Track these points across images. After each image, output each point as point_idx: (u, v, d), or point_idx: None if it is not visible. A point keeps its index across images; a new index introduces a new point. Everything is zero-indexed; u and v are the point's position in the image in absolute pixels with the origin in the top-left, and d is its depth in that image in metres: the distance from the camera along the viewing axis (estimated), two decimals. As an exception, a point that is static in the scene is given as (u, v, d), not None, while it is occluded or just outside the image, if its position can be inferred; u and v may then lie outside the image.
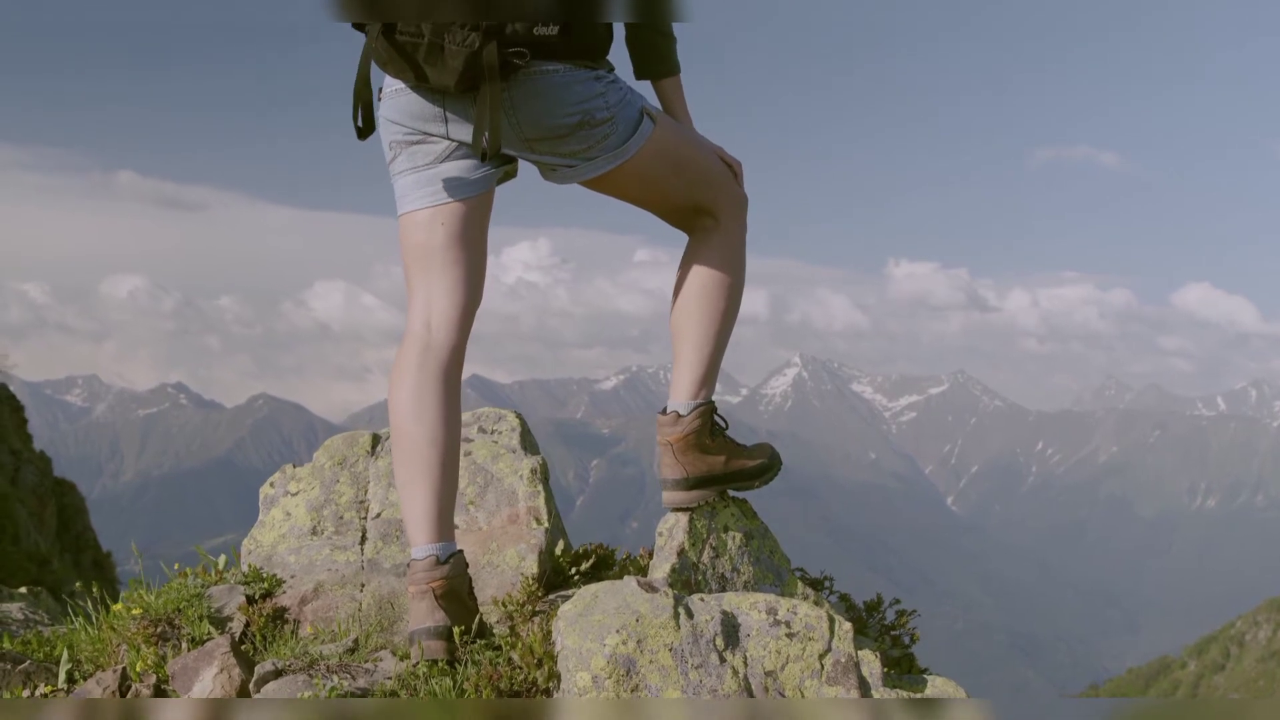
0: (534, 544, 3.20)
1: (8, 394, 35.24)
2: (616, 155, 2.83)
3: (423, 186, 2.82)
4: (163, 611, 2.99)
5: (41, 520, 31.68)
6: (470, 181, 2.82)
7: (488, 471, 3.44)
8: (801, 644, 2.53)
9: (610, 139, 2.81)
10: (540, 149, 2.80)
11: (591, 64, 2.76)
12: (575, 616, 2.49)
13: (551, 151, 2.80)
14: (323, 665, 2.63)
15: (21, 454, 31.78)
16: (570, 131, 2.76)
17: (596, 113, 2.76)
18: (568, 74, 2.71)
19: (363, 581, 3.14)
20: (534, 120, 2.73)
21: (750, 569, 3.08)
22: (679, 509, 3.06)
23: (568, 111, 2.73)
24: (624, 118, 2.82)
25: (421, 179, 2.82)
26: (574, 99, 2.73)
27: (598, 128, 2.78)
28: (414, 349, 2.82)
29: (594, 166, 2.83)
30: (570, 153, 2.80)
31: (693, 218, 3.07)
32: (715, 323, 3.05)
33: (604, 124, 2.78)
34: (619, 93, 2.82)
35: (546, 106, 2.72)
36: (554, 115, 2.73)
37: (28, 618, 3.44)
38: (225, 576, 3.28)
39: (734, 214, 3.07)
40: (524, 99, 2.70)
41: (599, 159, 2.82)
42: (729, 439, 3.15)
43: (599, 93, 2.76)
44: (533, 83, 2.69)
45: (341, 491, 3.46)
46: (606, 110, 2.78)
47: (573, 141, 2.78)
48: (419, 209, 2.83)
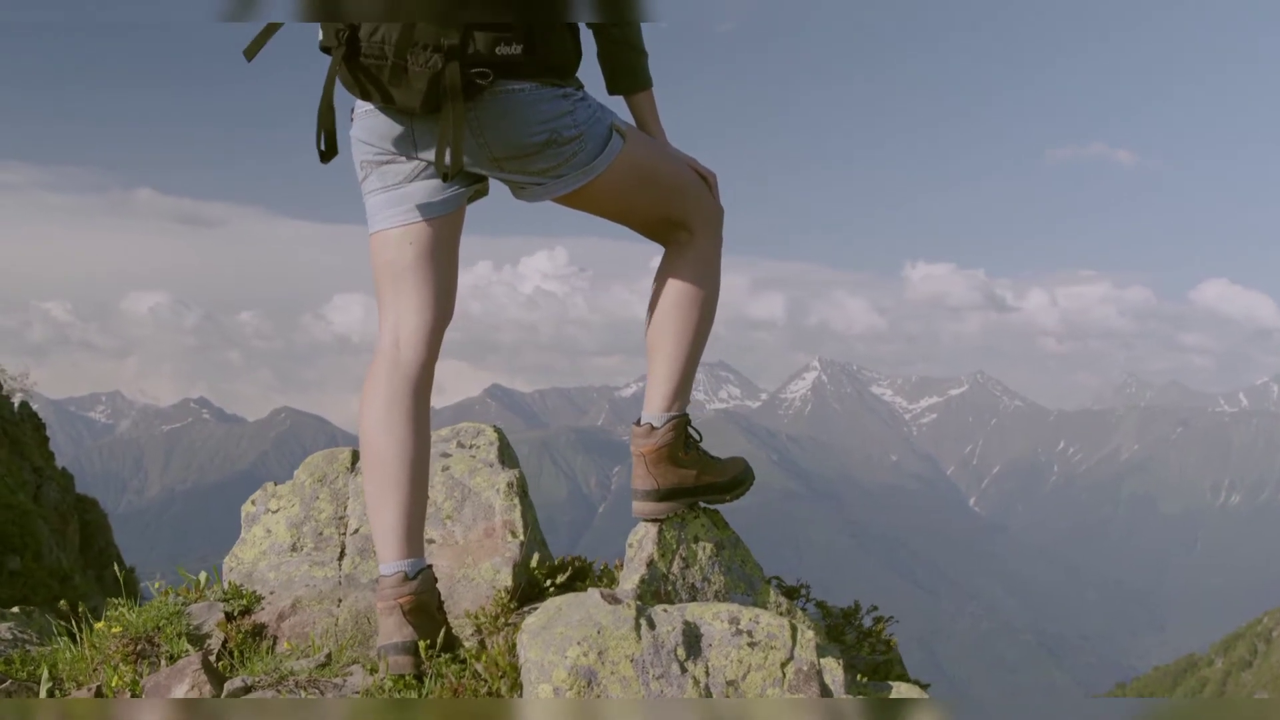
0: (509, 557, 3.24)
1: (30, 412, 35.50)
2: (586, 172, 2.84)
3: (393, 206, 2.85)
4: (142, 630, 3.04)
5: (64, 537, 31.84)
6: (439, 201, 2.85)
7: (465, 486, 3.48)
8: (763, 653, 2.56)
9: (579, 156, 2.82)
10: (509, 167, 2.82)
11: (559, 82, 2.77)
12: (538, 629, 2.53)
13: (520, 170, 2.82)
14: (291, 680, 2.67)
15: (44, 471, 31.97)
16: (538, 150, 2.77)
17: (564, 130, 2.77)
18: (534, 92, 2.72)
19: (340, 597, 3.19)
20: (502, 139, 2.75)
21: (721, 579, 3.11)
22: (648, 519, 3.10)
23: (535, 130, 2.75)
24: (592, 135, 2.83)
25: (391, 198, 2.85)
26: (541, 117, 2.74)
27: (566, 145, 2.79)
28: (383, 366, 2.86)
29: (563, 184, 2.85)
30: (539, 170, 2.82)
31: (667, 231, 3.09)
32: (689, 336, 3.07)
33: (572, 141, 2.79)
34: (587, 110, 2.83)
35: (513, 125, 2.73)
36: (521, 134, 2.74)
37: (16, 637, 3.49)
38: (206, 594, 3.33)
39: (708, 227, 3.09)
40: (491, 118, 2.72)
41: (568, 176, 2.84)
42: (703, 452, 3.18)
43: (566, 111, 2.77)
44: (499, 102, 2.70)
45: (321, 508, 3.51)
46: (574, 128, 2.79)
47: (541, 160, 2.79)
48: (389, 228, 2.86)
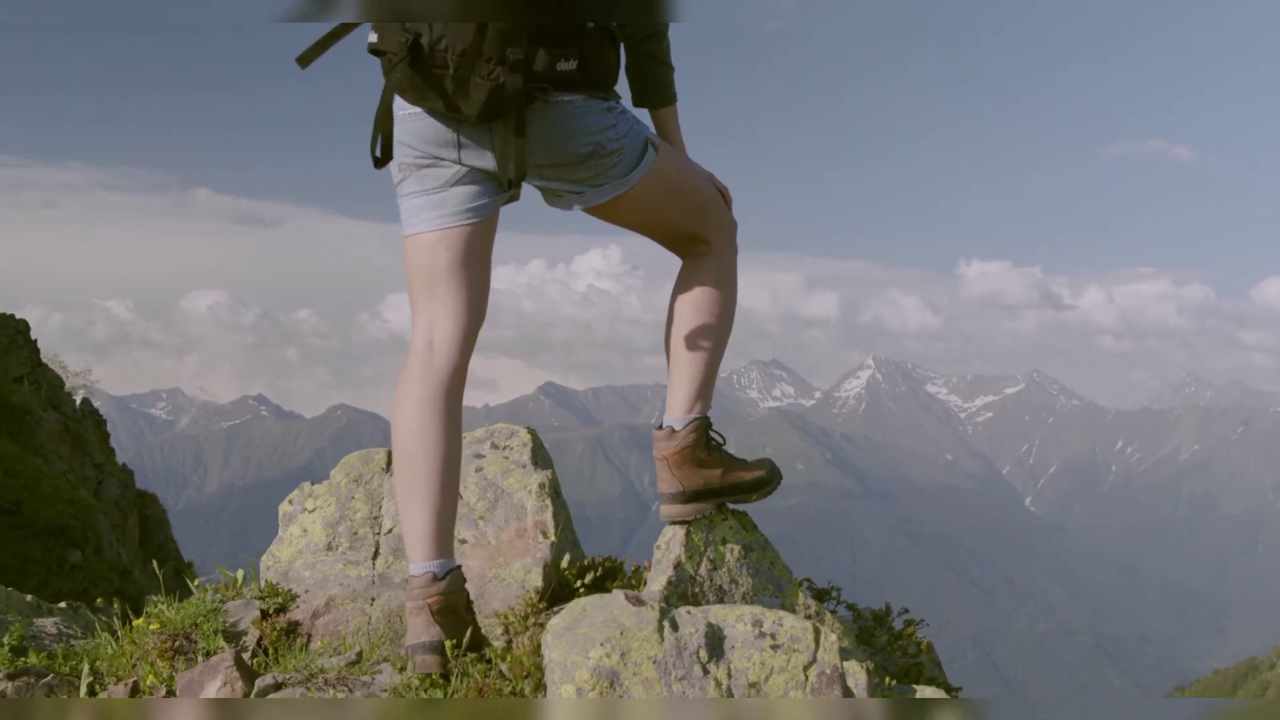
0: (539, 558, 3.28)
1: (91, 409, 36.09)
2: (623, 183, 2.92)
3: (430, 210, 2.89)
4: (180, 626, 3.11)
5: (124, 532, 32.32)
6: (476, 207, 2.89)
7: (498, 486, 3.52)
8: (786, 655, 2.57)
9: (618, 168, 2.90)
10: (549, 175, 2.89)
11: (604, 95, 2.87)
12: (562, 630, 2.56)
13: (560, 178, 2.90)
14: (321, 678, 2.72)
15: (104, 467, 32.47)
16: (582, 160, 2.85)
17: (608, 143, 2.86)
18: (583, 104, 2.81)
19: (373, 596, 3.24)
20: (548, 148, 2.82)
21: (749, 581, 3.13)
22: (676, 522, 3.13)
23: (582, 141, 2.82)
24: (631, 147, 2.92)
25: (429, 202, 2.89)
26: (589, 129, 2.82)
27: (608, 157, 2.87)
28: (417, 369, 2.90)
29: (601, 194, 2.93)
30: (579, 179, 2.89)
31: (687, 243, 3.17)
32: (708, 341, 3.16)
33: (614, 154, 2.88)
34: (628, 123, 2.92)
35: (562, 136, 2.81)
36: (569, 145, 2.82)
37: (61, 632, 3.58)
38: (243, 591, 3.40)
39: (725, 239, 3.17)
40: (539, 127, 2.78)
41: (605, 186, 2.91)
42: (726, 453, 3.22)
43: (611, 124, 2.86)
44: (550, 112, 2.77)
45: (356, 508, 3.56)
46: (617, 140, 2.87)
47: (583, 169, 2.87)
48: (425, 231, 2.91)
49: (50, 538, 16.37)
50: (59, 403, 25.49)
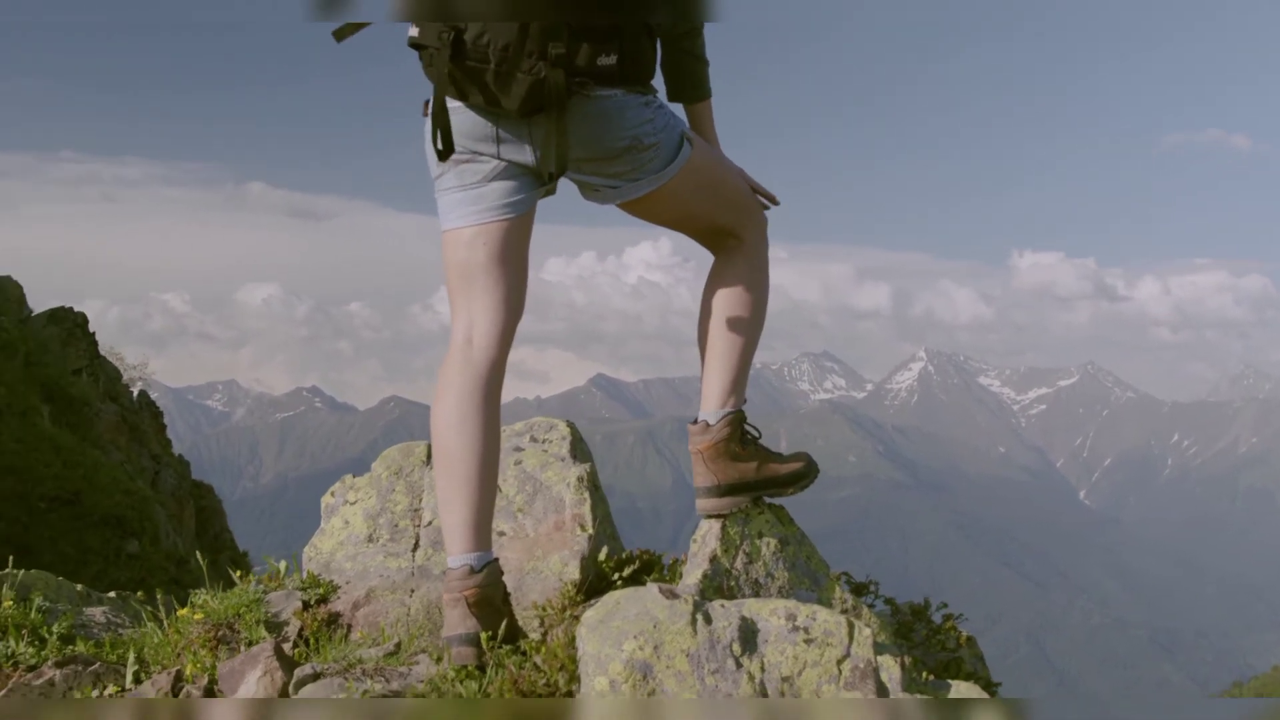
0: (577, 550, 3.30)
1: (148, 400, 36.57)
2: (658, 178, 2.94)
3: (468, 205, 2.91)
4: (223, 616, 3.16)
5: (180, 522, 32.77)
6: (514, 202, 2.91)
7: (536, 479, 3.54)
8: (819, 649, 2.57)
9: (654, 162, 2.92)
10: (586, 169, 2.90)
11: (642, 90, 2.88)
12: (596, 622, 2.57)
13: (597, 172, 2.91)
14: (359, 668, 2.76)
15: (161, 458, 32.92)
16: (620, 154, 2.87)
17: (645, 138, 2.87)
18: (622, 99, 2.82)
19: (412, 587, 3.28)
20: (586, 142, 2.83)
21: (785, 574, 3.13)
22: (712, 516, 3.14)
23: (620, 135, 2.84)
24: (667, 142, 2.93)
25: (467, 197, 2.91)
26: (627, 124, 2.84)
27: (644, 152, 2.89)
28: (455, 364, 2.92)
29: (636, 188, 2.94)
30: (616, 174, 2.91)
31: (719, 238, 3.19)
32: (741, 336, 3.17)
33: (650, 148, 2.89)
34: (664, 118, 2.93)
35: (600, 130, 2.82)
36: (607, 139, 2.84)
37: (109, 621, 3.64)
38: (285, 583, 3.45)
39: (758, 234, 3.19)
40: (578, 122, 2.79)
41: (642, 180, 2.93)
42: (761, 446, 3.23)
43: (648, 118, 2.88)
44: (588, 107, 2.78)
45: (397, 500, 3.60)
46: (654, 135, 2.89)
47: (620, 164, 2.89)
48: (463, 226, 2.92)
49: (108, 527, 16.61)
50: (116, 394, 25.83)
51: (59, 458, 16.66)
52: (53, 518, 15.46)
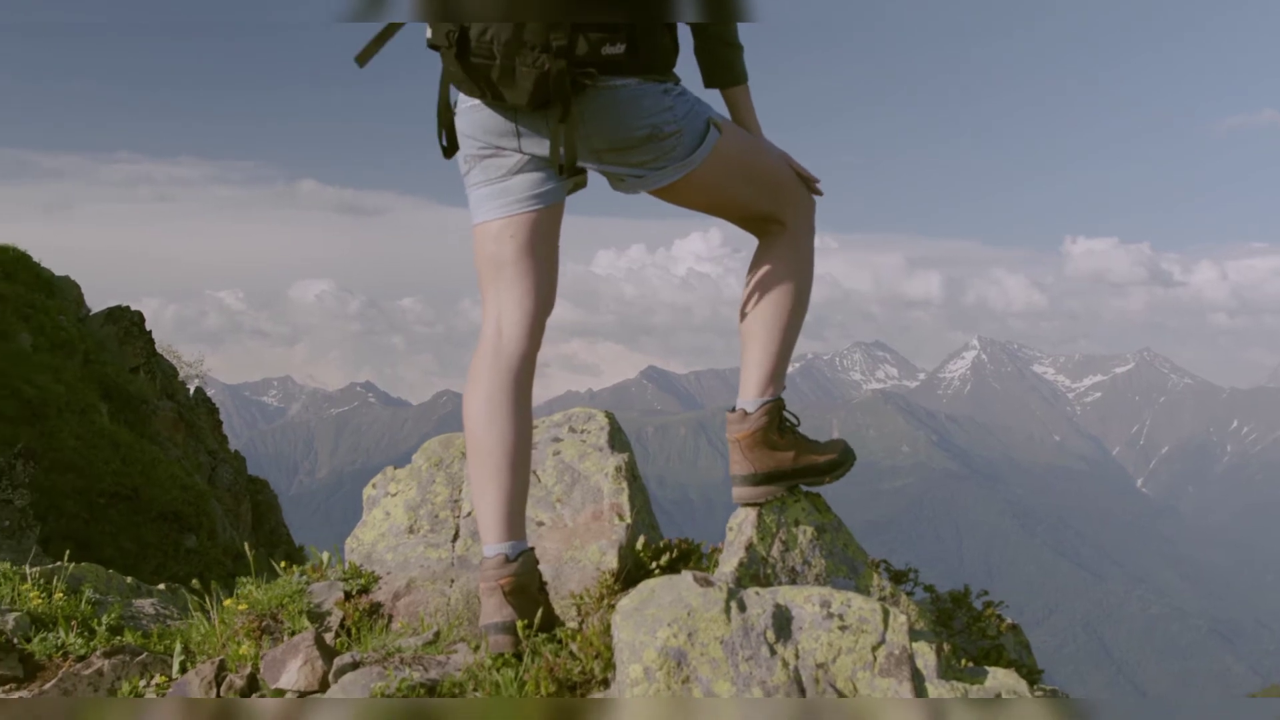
0: (615, 540, 3.32)
1: (204, 396, 37.07)
2: (684, 165, 2.91)
3: (495, 199, 2.94)
4: (267, 606, 3.21)
5: (237, 516, 33.24)
6: (540, 194, 2.92)
7: (575, 470, 3.56)
8: (854, 636, 2.57)
9: (677, 150, 2.89)
10: (608, 160, 2.89)
11: (660, 78, 2.85)
12: (631, 610, 2.59)
13: (619, 162, 2.90)
14: (397, 657, 2.79)
15: (217, 454, 33.36)
16: (639, 144, 2.85)
17: (665, 126, 2.85)
18: (637, 88, 2.80)
19: (452, 577, 3.31)
20: (603, 133, 2.83)
21: (822, 562, 3.13)
22: (748, 504, 3.14)
23: (637, 125, 2.82)
24: (691, 129, 2.90)
25: (494, 191, 2.93)
26: (643, 112, 2.82)
27: (665, 140, 2.86)
28: (486, 357, 2.95)
29: (662, 176, 2.92)
30: (638, 163, 2.89)
31: (761, 224, 3.16)
32: (781, 323, 3.14)
33: (671, 136, 2.87)
34: (686, 105, 2.90)
35: (616, 120, 2.81)
36: (623, 128, 2.83)
37: (159, 612, 3.72)
38: (328, 574, 3.50)
39: (800, 219, 3.15)
40: (594, 113, 2.79)
41: (667, 169, 2.91)
42: (799, 435, 3.22)
43: (667, 106, 2.85)
44: (602, 97, 2.78)
45: (437, 491, 3.64)
46: (674, 123, 2.86)
47: (641, 153, 2.87)
48: (491, 220, 2.95)
49: (166, 523, 16.84)
50: (173, 391, 26.19)
51: (118, 454, 16.90)
52: (112, 513, 15.69)
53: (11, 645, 3.18)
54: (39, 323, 19.11)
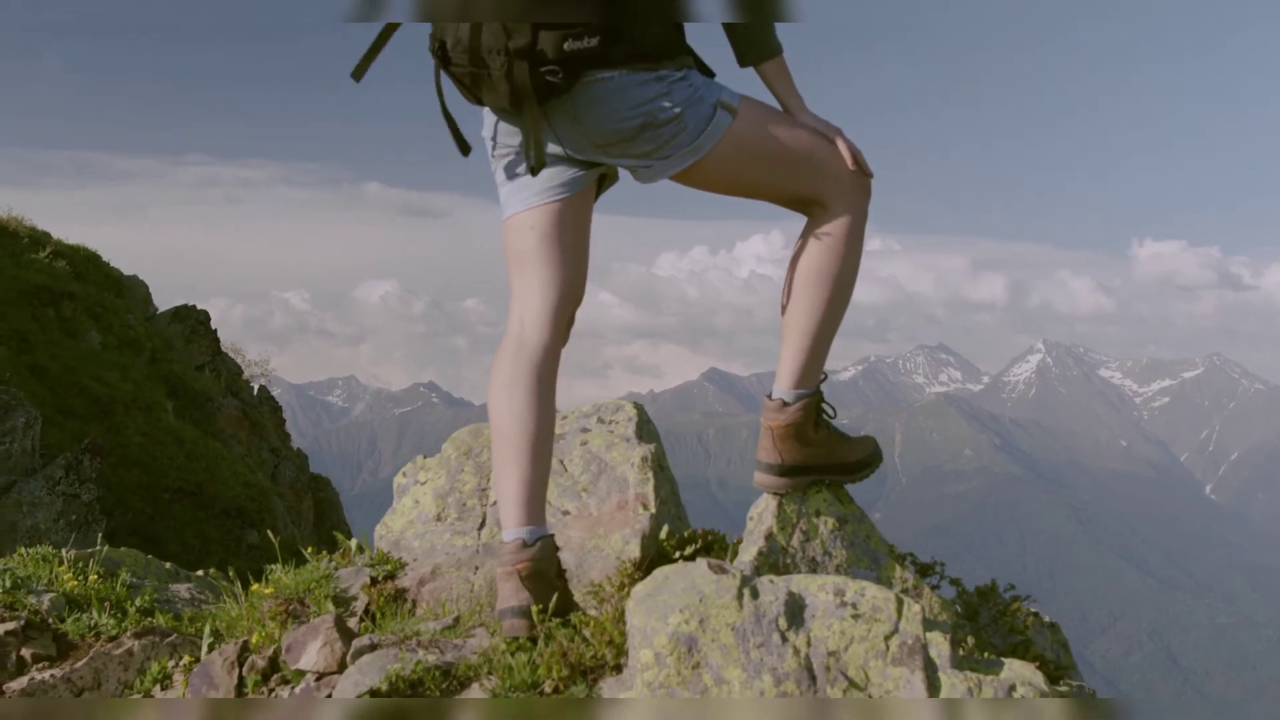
0: (638, 529, 3.33)
1: (268, 395, 37.60)
2: (691, 151, 2.86)
3: (517, 194, 2.97)
4: (294, 591, 3.27)
5: (299, 513, 33.69)
6: (561, 184, 2.93)
7: (601, 460, 3.58)
8: (867, 625, 2.56)
9: (680, 137, 2.84)
10: (612, 152, 2.88)
11: (651, 66, 2.79)
12: (644, 596, 2.60)
13: (622, 154, 2.88)
14: (414, 640, 2.83)
15: (280, 451, 33.83)
16: (635, 134, 2.82)
17: (659, 114, 2.80)
18: (623, 79, 2.76)
19: (477, 564, 3.34)
20: (598, 126, 2.81)
21: (843, 553, 3.12)
22: (769, 493, 3.14)
23: (628, 115, 2.79)
24: (693, 115, 2.83)
25: (515, 187, 2.97)
26: (632, 102, 2.78)
27: (663, 127, 2.82)
28: (509, 348, 2.98)
29: (670, 164, 2.88)
30: (642, 153, 2.86)
31: (803, 205, 3.05)
32: (819, 311, 3.03)
33: (669, 123, 2.81)
34: (685, 90, 2.82)
35: (606, 112, 2.79)
36: (616, 120, 2.80)
37: (193, 597, 3.79)
38: (355, 560, 3.55)
39: (843, 199, 3.00)
40: (585, 106, 2.78)
41: (673, 157, 2.86)
42: (834, 430, 3.18)
43: (660, 93, 2.79)
44: (590, 90, 2.76)
45: (465, 480, 3.68)
46: (670, 110, 2.80)
47: (640, 143, 2.84)
48: (514, 214, 2.98)
49: (229, 518, 17.09)
50: (237, 389, 26.58)
51: (182, 451, 17.19)
52: (177, 509, 15.94)
53: (46, 625, 3.26)
54: (108, 321, 19.49)
